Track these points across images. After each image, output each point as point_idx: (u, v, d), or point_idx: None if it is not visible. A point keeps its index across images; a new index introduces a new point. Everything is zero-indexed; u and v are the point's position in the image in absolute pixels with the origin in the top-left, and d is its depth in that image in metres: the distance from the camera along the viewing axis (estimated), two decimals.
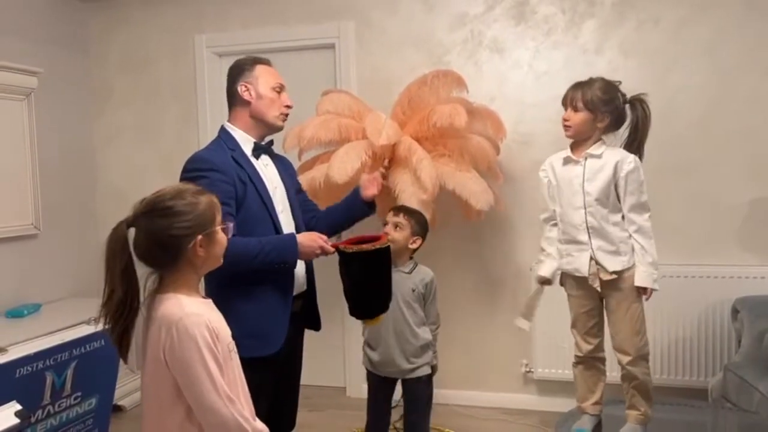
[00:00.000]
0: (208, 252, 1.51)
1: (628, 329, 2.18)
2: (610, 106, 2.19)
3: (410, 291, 2.43)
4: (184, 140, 3.76)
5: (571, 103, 2.23)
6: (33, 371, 2.11)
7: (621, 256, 2.17)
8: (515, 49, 3.41)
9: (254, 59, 2.16)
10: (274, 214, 2.05)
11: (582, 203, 2.20)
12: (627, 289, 2.18)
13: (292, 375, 2.25)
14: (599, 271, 2.18)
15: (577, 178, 2.22)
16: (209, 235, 1.50)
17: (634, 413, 2.21)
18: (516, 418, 3.31)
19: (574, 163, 2.25)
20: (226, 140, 2.11)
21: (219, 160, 2.01)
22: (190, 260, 1.49)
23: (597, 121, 2.19)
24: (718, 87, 3.09)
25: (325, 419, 3.38)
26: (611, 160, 2.17)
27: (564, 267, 2.31)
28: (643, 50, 3.22)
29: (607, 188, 2.17)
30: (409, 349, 2.44)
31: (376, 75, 3.55)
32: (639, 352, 2.19)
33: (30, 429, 2.14)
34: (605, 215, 2.18)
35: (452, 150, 3.01)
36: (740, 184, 3.13)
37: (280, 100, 2.13)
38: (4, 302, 3.13)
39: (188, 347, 1.40)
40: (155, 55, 3.91)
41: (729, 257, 3.10)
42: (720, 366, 3.02)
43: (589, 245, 2.19)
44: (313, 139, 2.90)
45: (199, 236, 1.47)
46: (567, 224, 2.26)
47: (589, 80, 2.25)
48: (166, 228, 1.46)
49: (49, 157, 3.52)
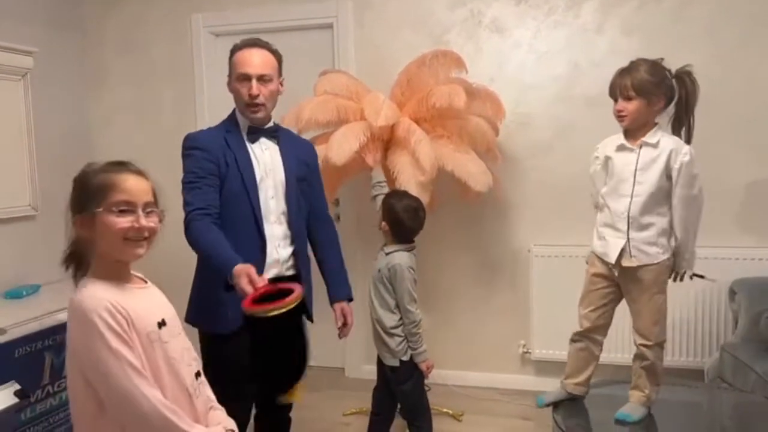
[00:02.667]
0: (97, 237, 1.37)
1: (649, 318, 2.16)
2: (663, 86, 2.08)
3: (377, 271, 2.48)
4: (182, 121, 3.74)
5: (622, 92, 2.10)
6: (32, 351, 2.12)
7: (657, 248, 2.13)
8: (515, 29, 3.38)
9: (236, 46, 2.12)
10: (254, 198, 2.06)
11: (630, 192, 2.13)
12: (649, 280, 2.14)
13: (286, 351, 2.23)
14: (623, 259, 2.15)
15: (629, 166, 2.14)
16: (91, 216, 1.36)
17: (637, 393, 2.21)
18: (513, 399, 3.34)
19: (629, 151, 2.17)
20: (229, 122, 2.15)
21: (205, 139, 2.07)
22: (83, 240, 1.39)
23: (652, 105, 2.10)
24: (719, 67, 3.07)
25: (324, 399, 3.40)
26: (666, 148, 2.10)
27: (596, 249, 2.28)
28: (644, 30, 3.19)
29: (661, 179, 2.11)
30: (376, 333, 2.49)
31: (375, 55, 3.52)
32: (657, 339, 2.18)
33: (30, 408, 2.15)
34: (651, 206, 2.12)
35: (451, 131, 2.99)
36: (739, 166, 3.12)
37: (243, 91, 2.07)
38: (2, 283, 3.13)
39: (89, 332, 1.29)
40: (152, 34, 3.88)
41: (727, 239, 3.10)
42: (717, 347, 3.04)
43: (625, 235, 2.15)
44: (311, 120, 2.89)
45: (77, 215, 1.38)
46: (610, 210, 2.21)
47: (632, 65, 2.13)
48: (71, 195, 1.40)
49: (46, 138, 3.49)
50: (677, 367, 3.09)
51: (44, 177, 3.44)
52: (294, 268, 2.18)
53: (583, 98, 3.30)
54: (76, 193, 1.40)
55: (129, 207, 1.38)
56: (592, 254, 2.32)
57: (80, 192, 1.38)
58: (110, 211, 1.36)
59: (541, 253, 3.33)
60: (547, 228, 3.39)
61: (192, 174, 2.01)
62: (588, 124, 3.25)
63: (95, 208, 1.36)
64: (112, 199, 1.37)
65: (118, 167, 1.43)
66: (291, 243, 2.17)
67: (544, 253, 3.32)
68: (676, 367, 3.09)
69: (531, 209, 3.43)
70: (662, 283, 2.18)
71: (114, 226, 1.36)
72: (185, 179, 2.01)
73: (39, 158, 3.40)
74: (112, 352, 1.28)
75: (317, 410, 3.24)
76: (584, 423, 2.24)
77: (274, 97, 2.14)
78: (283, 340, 2.18)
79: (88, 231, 1.37)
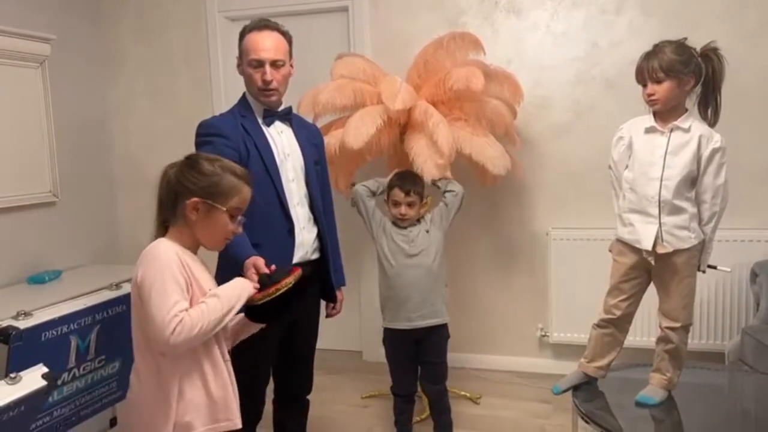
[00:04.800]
0: (200, 221, 1.56)
1: (678, 301, 2.14)
2: (691, 65, 2.03)
3: (425, 232, 2.54)
4: (199, 106, 3.75)
5: (651, 75, 2.05)
6: (58, 335, 2.15)
7: (689, 232, 2.09)
8: (533, 10, 3.34)
9: (250, 27, 2.09)
10: (278, 183, 2.06)
11: (659, 176, 2.07)
12: (682, 263, 2.10)
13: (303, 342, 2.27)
14: (658, 246, 2.11)
15: (659, 149, 2.09)
16: (209, 207, 1.55)
17: (658, 376, 2.19)
18: (532, 382, 3.34)
19: (659, 134, 2.13)
20: (242, 107, 2.13)
21: (225, 126, 2.04)
22: (186, 217, 1.56)
23: (683, 85, 2.05)
24: (741, 47, 3.01)
25: (342, 383, 3.43)
26: (696, 134, 2.06)
27: (623, 236, 2.23)
28: (664, 9, 3.13)
29: (692, 163, 2.06)
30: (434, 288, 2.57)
31: (391, 38, 3.50)
32: (684, 322, 2.16)
33: (57, 391, 2.19)
34: (682, 190, 2.07)
35: (468, 114, 2.97)
36: (761, 146, 3.07)
37: (256, 77, 2.05)
38: (25, 269, 3.19)
39: (154, 264, 1.48)
40: (167, 20, 3.88)
41: (748, 221, 3.07)
42: (737, 329, 3.02)
43: (657, 219, 2.11)
44: (328, 104, 2.88)
45: (196, 198, 1.54)
46: (637, 194, 2.16)
47: (656, 47, 2.07)
48: (180, 175, 1.57)
49: (65, 125, 3.53)
50: (698, 350, 3.07)
51: (64, 163, 3.48)
52: (319, 251, 2.20)
53: (602, 79, 3.26)
54: (203, 180, 1.55)
55: (238, 213, 1.61)
56: (617, 243, 2.25)
57: (210, 183, 1.56)
58: (231, 215, 1.59)
59: (559, 236, 3.31)
60: (566, 211, 3.37)
61: None
62: (607, 106, 3.22)
63: (221, 205, 1.56)
64: (236, 206, 1.59)
65: (245, 177, 1.62)
66: (315, 225, 2.18)
67: (563, 236, 3.31)
68: (697, 349, 3.07)
69: (549, 192, 3.41)
70: (693, 266, 2.14)
71: (226, 227, 1.59)
72: None
73: (58, 145, 3.44)
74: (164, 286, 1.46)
75: (336, 393, 3.28)
76: (604, 406, 2.23)
77: (287, 80, 2.13)
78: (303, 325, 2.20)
79: (195, 213, 1.55)
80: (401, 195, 2.51)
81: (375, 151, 2.97)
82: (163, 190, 1.59)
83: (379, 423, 2.96)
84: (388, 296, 2.55)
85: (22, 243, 3.26)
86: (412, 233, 2.53)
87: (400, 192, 2.51)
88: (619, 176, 2.23)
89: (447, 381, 2.65)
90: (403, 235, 2.53)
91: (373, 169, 3.35)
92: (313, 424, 2.49)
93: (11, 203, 3.18)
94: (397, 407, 2.66)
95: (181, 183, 1.56)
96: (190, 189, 1.55)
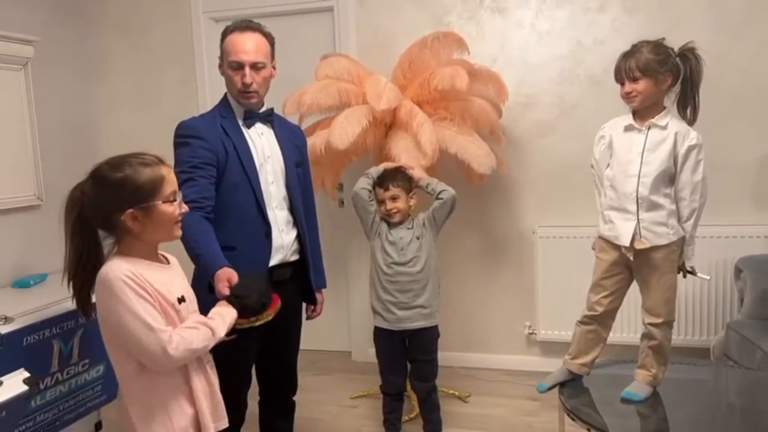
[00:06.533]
0: (146, 226, 1.50)
1: (659, 297, 2.16)
2: (667, 64, 2.07)
3: (416, 238, 2.54)
4: (184, 106, 3.72)
5: (628, 74, 2.09)
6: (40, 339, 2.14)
7: (667, 228, 2.12)
8: (517, 9, 3.35)
9: (231, 28, 2.06)
10: (256, 185, 2.04)
11: (637, 172, 2.11)
12: (661, 259, 2.13)
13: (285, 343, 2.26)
14: (636, 241, 2.14)
15: (637, 146, 2.13)
16: (146, 209, 1.49)
17: (643, 372, 2.21)
18: (520, 380, 3.35)
19: (637, 131, 2.16)
20: (223, 108, 2.11)
21: (203, 127, 2.01)
22: (128, 230, 1.49)
23: (660, 83, 2.09)
24: (723, 43, 3.04)
25: (331, 383, 3.43)
26: (673, 131, 2.09)
27: (604, 233, 2.26)
28: (647, 7, 3.16)
29: (668, 160, 2.10)
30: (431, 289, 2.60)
31: (376, 38, 3.50)
32: (666, 317, 2.18)
33: (40, 395, 2.18)
34: (659, 187, 2.10)
35: (454, 113, 2.97)
36: (745, 143, 3.10)
37: (236, 79, 2.03)
38: (10, 273, 3.15)
39: (111, 296, 1.42)
40: (152, 21, 3.87)
41: (733, 216, 3.09)
42: (722, 325, 3.04)
43: (635, 216, 2.14)
44: (313, 104, 2.87)
45: (129, 210, 1.47)
46: (617, 191, 2.19)
47: (634, 47, 2.12)
48: (97, 197, 1.49)
49: (49, 127, 3.49)
50: (683, 346, 3.10)
51: (48, 166, 3.45)
52: (298, 252, 2.19)
53: (586, 77, 3.27)
54: (121, 191, 1.47)
55: (175, 196, 1.55)
56: (600, 240, 2.28)
57: (131, 189, 1.48)
58: (167, 201, 1.52)
59: (545, 235, 3.32)
60: (552, 209, 3.38)
61: (187, 164, 1.95)
62: (592, 104, 3.23)
63: (153, 201, 1.49)
64: (167, 191, 1.52)
65: (156, 161, 1.54)
66: (294, 227, 2.17)
67: (549, 234, 3.32)
68: (683, 345, 3.10)
69: (535, 191, 3.42)
70: (673, 262, 2.17)
71: (172, 213, 1.53)
72: (179, 169, 1.92)
73: (42, 148, 3.41)
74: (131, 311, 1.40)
75: (325, 393, 3.27)
76: (590, 402, 2.24)
77: (267, 82, 2.11)
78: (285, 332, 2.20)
79: (136, 222, 1.48)
80: (382, 192, 2.53)
81: (361, 151, 2.98)
82: (86, 216, 1.51)
83: (368, 423, 2.96)
84: (378, 297, 2.57)
85: (7, 247, 3.23)
86: (403, 240, 2.53)
87: (380, 189, 2.54)
88: (601, 174, 2.27)
89: (437, 379, 2.65)
90: (394, 243, 2.53)
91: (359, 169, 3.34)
92: (302, 425, 2.49)
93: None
94: (386, 406, 2.66)
95: (103, 203, 1.48)
96: (117, 205, 1.48)
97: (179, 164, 1.95)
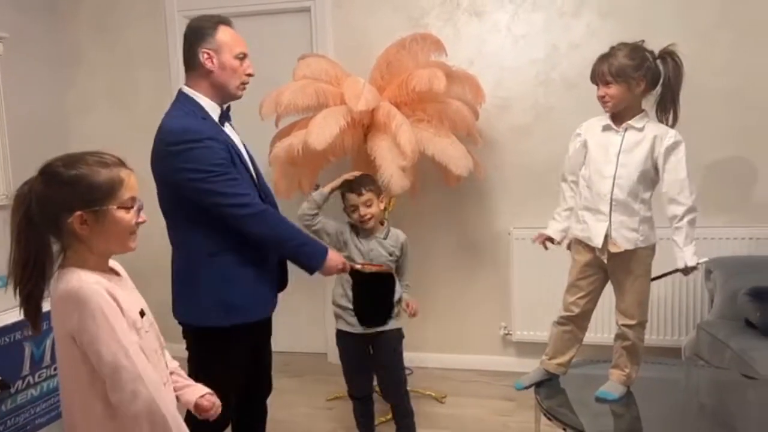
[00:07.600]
0: (95, 232, 1.35)
1: (633, 299, 2.19)
2: (642, 69, 2.08)
3: (387, 255, 2.47)
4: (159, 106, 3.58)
5: (601, 78, 2.11)
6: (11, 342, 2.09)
7: (637, 234, 2.13)
8: (494, 12, 3.37)
9: (216, 21, 2.01)
10: (254, 182, 2.04)
11: (613, 174, 2.12)
12: (634, 263, 2.15)
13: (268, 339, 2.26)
14: (609, 244, 2.15)
15: (613, 147, 2.14)
16: (98, 213, 1.34)
17: (617, 372, 2.24)
18: (495, 380, 3.38)
19: (614, 132, 2.17)
20: (193, 107, 2.00)
21: (209, 130, 1.94)
22: (77, 235, 1.35)
23: (632, 89, 2.10)
24: (695, 46, 3.08)
25: (306, 385, 3.41)
26: (650, 134, 2.10)
27: (577, 234, 2.27)
28: (620, 11, 3.20)
29: (645, 163, 2.11)
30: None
31: (354, 39, 3.50)
32: (639, 319, 2.21)
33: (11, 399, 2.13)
34: (636, 190, 2.11)
35: (431, 115, 2.99)
36: (715, 145, 3.16)
37: (242, 69, 2.02)
38: None
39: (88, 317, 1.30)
40: (125, 19, 3.81)
41: (703, 219, 3.13)
42: (693, 325, 3.10)
43: (608, 217, 2.16)
44: (291, 105, 2.86)
45: (78, 212, 1.32)
46: (591, 191, 2.19)
47: (611, 50, 2.13)
48: (45, 195, 1.33)
49: (19, 126, 3.43)
50: (655, 346, 3.15)
51: (19, 165, 3.38)
52: None
53: (561, 81, 3.31)
54: (73, 189, 1.34)
55: (133, 203, 1.40)
56: (574, 241, 2.31)
57: (84, 188, 1.34)
58: (123, 207, 1.38)
59: (521, 236, 3.35)
60: (528, 211, 3.41)
61: (220, 165, 1.89)
62: (567, 107, 3.27)
63: (107, 205, 1.35)
64: (124, 196, 1.38)
65: (116, 162, 1.40)
66: None
67: (525, 235, 3.34)
68: (655, 345, 3.15)
69: (511, 192, 3.45)
70: (646, 265, 2.19)
71: (127, 221, 1.38)
72: (215, 171, 1.87)
73: (12, 146, 3.34)
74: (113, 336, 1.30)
75: (300, 395, 3.25)
76: (565, 402, 2.27)
77: None
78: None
79: (85, 227, 1.34)
80: (355, 197, 2.43)
81: (338, 152, 2.97)
82: (33, 216, 1.34)
83: (343, 425, 2.95)
84: (339, 302, 2.52)
85: None
86: (373, 252, 2.47)
87: (352, 195, 2.44)
88: (573, 168, 2.29)
89: (408, 385, 2.64)
90: (362, 254, 2.47)
91: (336, 170, 3.33)
92: (277, 427, 2.47)
93: None
94: (356, 410, 2.65)
95: (51, 202, 1.33)
96: (65, 205, 1.32)
97: (212, 167, 1.89)
